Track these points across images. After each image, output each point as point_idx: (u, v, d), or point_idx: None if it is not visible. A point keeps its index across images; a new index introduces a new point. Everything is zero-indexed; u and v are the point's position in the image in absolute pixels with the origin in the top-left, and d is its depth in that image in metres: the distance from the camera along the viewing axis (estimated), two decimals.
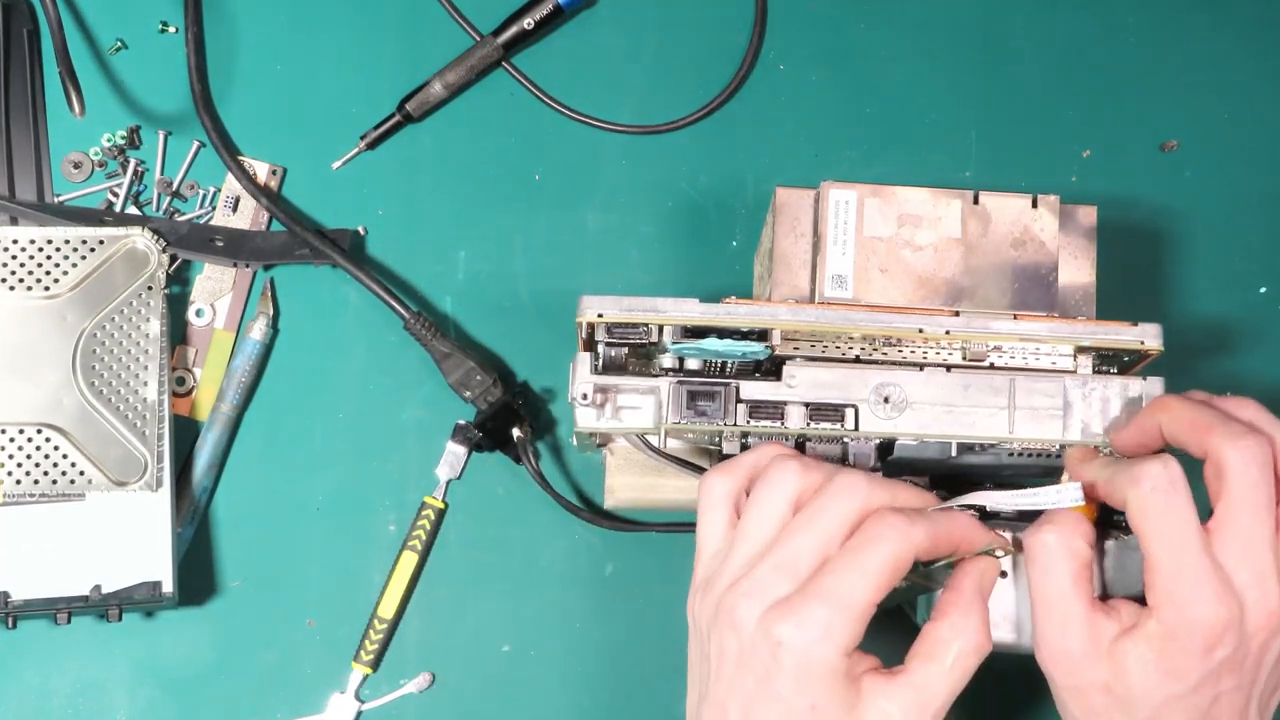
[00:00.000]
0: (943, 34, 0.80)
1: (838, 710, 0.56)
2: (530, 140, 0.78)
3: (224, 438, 0.74)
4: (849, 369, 0.63)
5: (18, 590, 0.70)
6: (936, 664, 0.57)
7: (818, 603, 0.56)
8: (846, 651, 0.56)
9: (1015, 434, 0.63)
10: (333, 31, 0.79)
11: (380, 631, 0.73)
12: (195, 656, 0.73)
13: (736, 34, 0.80)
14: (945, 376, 0.63)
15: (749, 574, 0.57)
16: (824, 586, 0.56)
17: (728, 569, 0.58)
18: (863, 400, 0.62)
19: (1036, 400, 0.63)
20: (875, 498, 0.57)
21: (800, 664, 0.55)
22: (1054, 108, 0.80)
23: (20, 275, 0.72)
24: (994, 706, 0.75)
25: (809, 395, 0.62)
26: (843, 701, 0.56)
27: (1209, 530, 0.56)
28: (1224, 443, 0.56)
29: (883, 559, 0.56)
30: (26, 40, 0.76)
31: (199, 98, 0.76)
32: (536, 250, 0.77)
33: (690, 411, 0.62)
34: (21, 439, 0.70)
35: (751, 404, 0.62)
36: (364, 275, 0.74)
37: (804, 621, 0.55)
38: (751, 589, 0.57)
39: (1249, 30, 0.81)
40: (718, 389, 0.62)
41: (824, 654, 0.55)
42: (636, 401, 0.63)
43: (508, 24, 0.78)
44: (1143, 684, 0.57)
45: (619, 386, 0.63)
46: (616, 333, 0.63)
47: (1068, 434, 0.63)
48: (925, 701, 0.57)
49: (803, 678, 0.56)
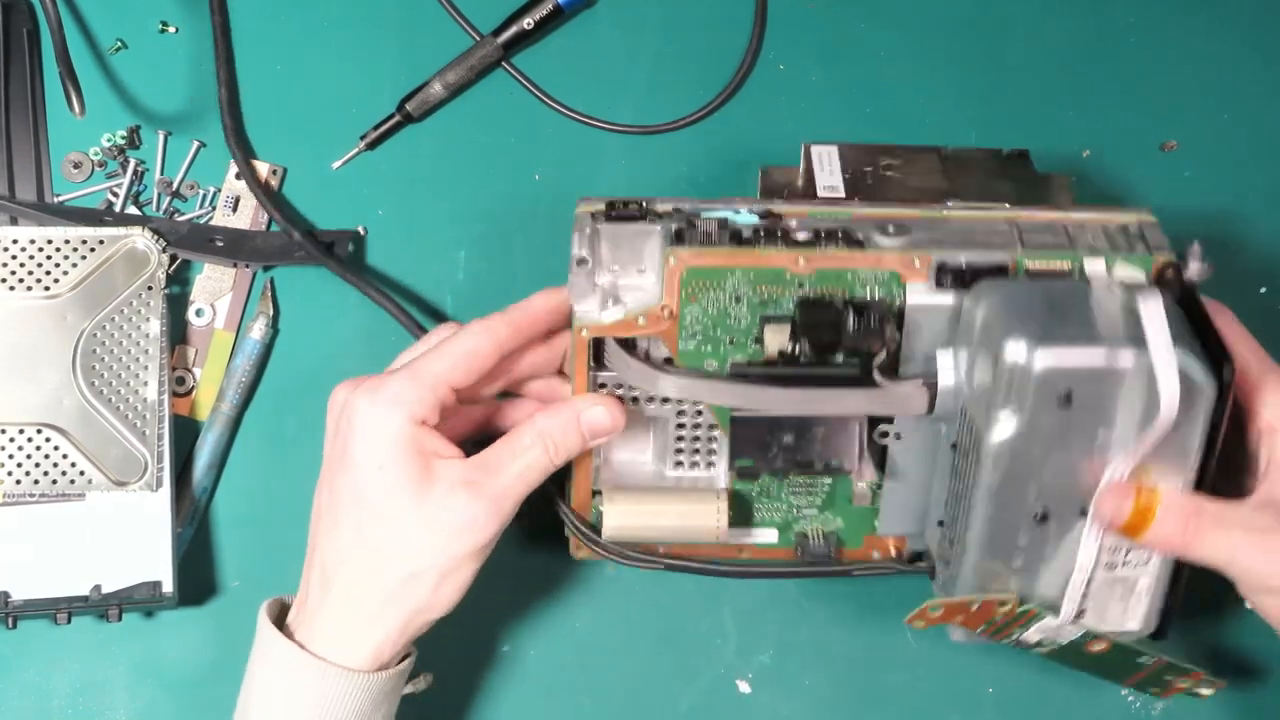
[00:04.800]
0: (943, 34, 0.80)
1: (405, 474, 0.62)
2: (530, 140, 0.78)
3: (224, 438, 0.74)
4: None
5: (18, 590, 0.70)
6: (510, 452, 0.63)
7: (390, 377, 0.63)
8: (414, 419, 0.62)
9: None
10: (333, 31, 0.79)
11: None
12: (195, 656, 0.73)
13: (736, 34, 0.80)
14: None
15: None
16: (400, 367, 0.64)
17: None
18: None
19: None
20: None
21: (368, 425, 0.62)
22: (1054, 108, 0.80)
23: (20, 275, 0.72)
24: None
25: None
26: (410, 465, 0.62)
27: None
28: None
29: (457, 344, 0.64)
30: (26, 40, 0.76)
31: (230, 132, 0.76)
32: (536, 250, 0.77)
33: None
34: (21, 439, 0.70)
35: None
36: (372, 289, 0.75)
37: (376, 388, 0.62)
38: (350, 381, 0.64)
39: (1249, 30, 0.81)
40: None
41: (390, 416, 0.62)
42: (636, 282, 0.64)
43: (508, 24, 0.78)
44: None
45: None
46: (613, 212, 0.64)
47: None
48: (492, 477, 0.63)
49: (371, 438, 0.62)
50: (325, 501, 0.64)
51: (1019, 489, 0.60)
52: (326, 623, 0.64)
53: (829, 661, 0.75)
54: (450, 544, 0.62)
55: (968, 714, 0.75)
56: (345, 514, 0.63)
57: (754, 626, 0.75)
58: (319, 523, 0.65)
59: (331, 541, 0.64)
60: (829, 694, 0.75)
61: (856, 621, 0.75)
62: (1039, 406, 0.58)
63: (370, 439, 0.62)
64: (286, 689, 0.63)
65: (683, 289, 0.63)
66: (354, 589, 0.63)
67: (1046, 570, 0.62)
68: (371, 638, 0.63)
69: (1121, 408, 0.58)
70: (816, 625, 0.75)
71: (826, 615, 0.75)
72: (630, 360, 0.64)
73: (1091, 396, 0.57)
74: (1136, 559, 0.62)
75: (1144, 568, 0.62)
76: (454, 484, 0.62)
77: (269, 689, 0.64)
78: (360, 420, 0.62)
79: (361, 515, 0.63)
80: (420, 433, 0.62)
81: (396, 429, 0.62)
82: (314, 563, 0.65)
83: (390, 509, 0.62)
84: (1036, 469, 0.59)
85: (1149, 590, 0.63)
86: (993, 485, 0.60)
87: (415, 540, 0.62)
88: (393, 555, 0.62)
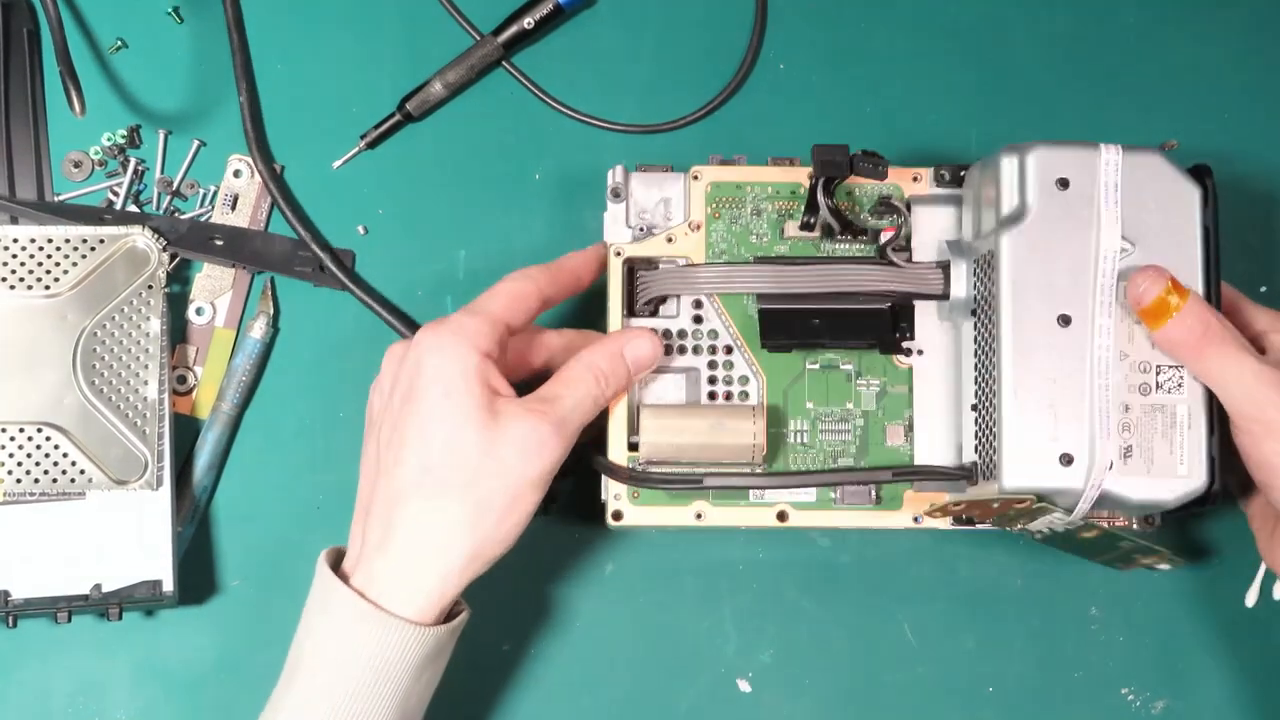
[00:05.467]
0: (943, 34, 0.80)
1: (473, 401, 0.63)
2: (530, 140, 0.78)
3: (224, 437, 0.74)
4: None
5: (18, 589, 0.70)
6: (563, 385, 0.66)
7: (452, 315, 0.65)
8: (479, 349, 0.64)
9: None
10: (333, 31, 0.79)
11: None
12: (195, 656, 0.73)
13: (736, 34, 0.80)
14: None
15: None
16: (462, 307, 0.66)
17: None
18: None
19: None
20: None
21: (436, 356, 0.64)
22: (1054, 108, 0.80)
23: (21, 274, 0.72)
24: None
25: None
26: (478, 393, 0.63)
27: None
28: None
29: (506, 286, 0.67)
30: (26, 40, 0.76)
31: (253, 142, 0.76)
32: (536, 250, 0.77)
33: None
34: (22, 438, 0.70)
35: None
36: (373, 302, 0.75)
37: (440, 324, 0.65)
38: (403, 340, 0.67)
39: (1249, 30, 0.81)
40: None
41: (457, 347, 0.64)
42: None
43: (508, 24, 0.78)
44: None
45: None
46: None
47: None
48: (552, 406, 0.65)
49: (439, 369, 0.64)
50: (384, 441, 0.65)
51: (1037, 296, 0.64)
52: (387, 565, 0.63)
53: (829, 661, 0.75)
54: (519, 466, 0.63)
55: (968, 714, 0.75)
56: (410, 449, 0.63)
57: (754, 626, 0.75)
58: (378, 465, 0.65)
59: (392, 481, 0.64)
60: (829, 694, 0.75)
61: (856, 621, 0.75)
62: (1040, 191, 0.65)
63: (438, 369, 0.64)
64: (344, 640, 0.63)
65: (708, 204, 0.71)
66: (419, 527, 0.63)
67: (1081, 416, 0.64)
68: (435, 576, 0.63)
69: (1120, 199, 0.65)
70: (816, 625, 0.75)
71: (826, 615, 0.75)
72: (664, 266, 0.70)
73: (1086, 183, 0.65)
74: (1169, 381, 0.65)
75: (1179, 393, 0.65)
76: (519, 411, 0.64)
77: (324, 640, 0.64)
78: (428, 354, 0.64)
79: (428, 448, 0.63)
80: (485, 364, 0.64)
81: (464, 359, 0.64)
82: (371, 509, 0.65)
83: (458, 437, 0.63)
84: (1049, 265, 0.64)
85: (1190, 422, 0.64)
86: (1012, 295, 0.64)
87: (484, 466, 0.63)
88: (461, 484, 0.63)
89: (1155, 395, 0.64)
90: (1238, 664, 0.76)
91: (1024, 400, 0.64)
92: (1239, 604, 0.73)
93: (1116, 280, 0.65)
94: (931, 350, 0.71)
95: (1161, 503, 0.64)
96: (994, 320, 0.65)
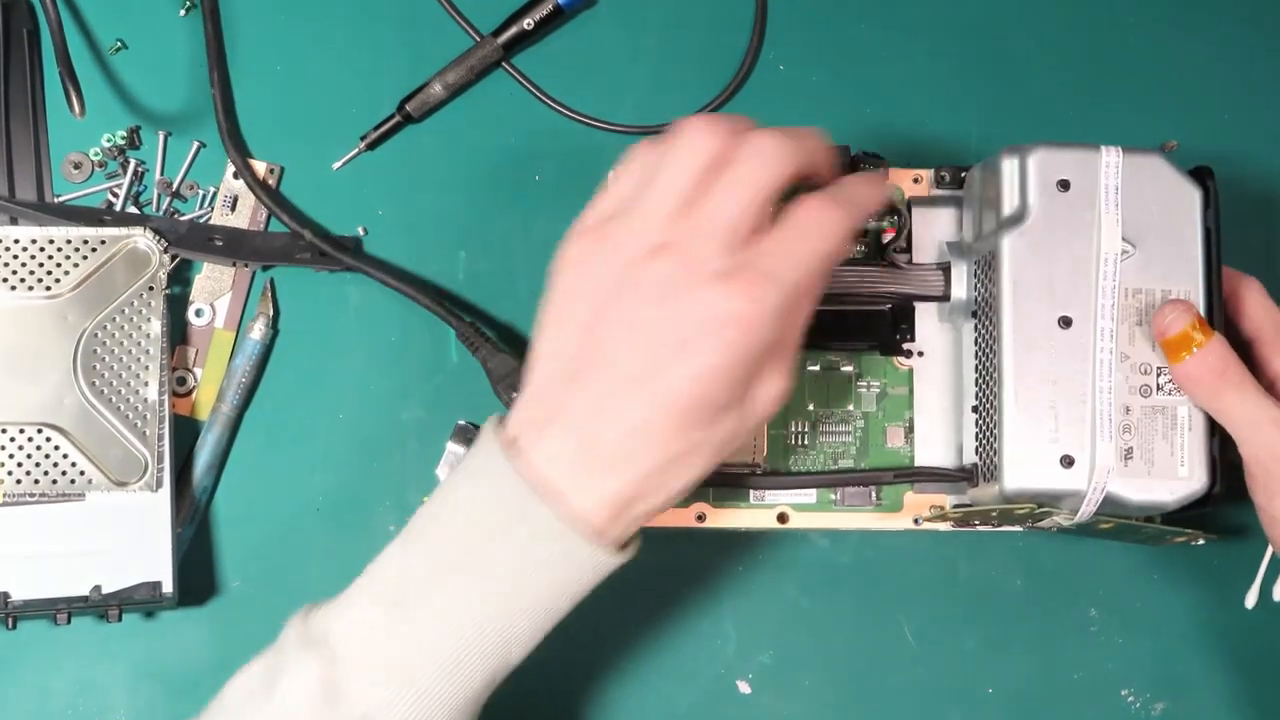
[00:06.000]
0: (943, 35, 0.80)
1: (744, 379, 0.56)
2: (530, 140, 0.78)
3: (224, 438, 0.74)
4: None
5: (18, 590, 0.70)
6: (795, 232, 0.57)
7: (773, 288, 0.55)
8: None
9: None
10: (333, 31, 0.79)
11: None
12: (195, 656, 0.73)
13: (736, 34, 0.80)
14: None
15: (686, 242, 0.55)
16: (778, 273, 0.55)
17: (643, 224, 0.57)
18: None
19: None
20: (795, 162, 0.57)
21: (736, 339, 0.54)
22: (1054, 108, 0.80)
23: (21, 275, 0.72)
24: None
25: None
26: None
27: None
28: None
29: (826, 255, 0.57)
30: (26, 40, 0.76)
31: (226, 133, 0.76)
32: (536, 250, 0.77)
33: None
34: (22, 439, 0.70)
35: None
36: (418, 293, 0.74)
37: (756, 299, 0.55)
38: (691, 260, 0.55)
39: (1249, 30, 0.81)
40: None
41: (760, 333, 0.55)
42: None
43: (508, 24, 0.78)
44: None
45: None
46: None
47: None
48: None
49: (733, 352, 0.55)
50: (596, 274, 0.57)
51: (1038, 297, 0.64)
52: (576, 424, 0.56)
53: (829, 661, 0.75)
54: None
55: (968, 714, 0.75)
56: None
57: (754, 626, 0.75)
58: (579, 299, 0.58)
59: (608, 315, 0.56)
60: (829, 694, 0.75)
61: (856, 621, 0.76)
62: (1041, 193, 0.65)
63: (731, 353, 0.56)
64: (506, 544, 0.56)
65: None
66: (625, 380, 0.56)
67: (1082, 418, 0.64)
68: (636, 453, 0.56)
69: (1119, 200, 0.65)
70: (816, 625, 0.75)
71: (826, 615, 0.76)
72: None
73: (1086, 185, 0.65)
74: (1170, 383, 0.65)
75: (1180, 394, 0.65)
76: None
77: (476, 535, 0.56)
78: (727, 332, 0.56)
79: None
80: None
81: (760, 344, 0.57)
82: (564, 351, 0.57)
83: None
84: (1050, 267, 0.65)
85: (1190, 423, 0.64)
86: (1013, 296, 0.64)
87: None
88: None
89: (1156, 397, 0.64)
90: (1238, 665, 0.76)
91: (1025, 402, 0.64)
92: (1239, 604, 0.73)
93: (1118, 281, 0.65)
94: (932, 352, 0.71)
95: (1162, 504, 0.64)
96: (995, 322, 0.65)
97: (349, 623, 0.58)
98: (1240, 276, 0.68)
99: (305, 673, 0.57)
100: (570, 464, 0.56)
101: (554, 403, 0.57)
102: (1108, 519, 0.66)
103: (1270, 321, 0.67)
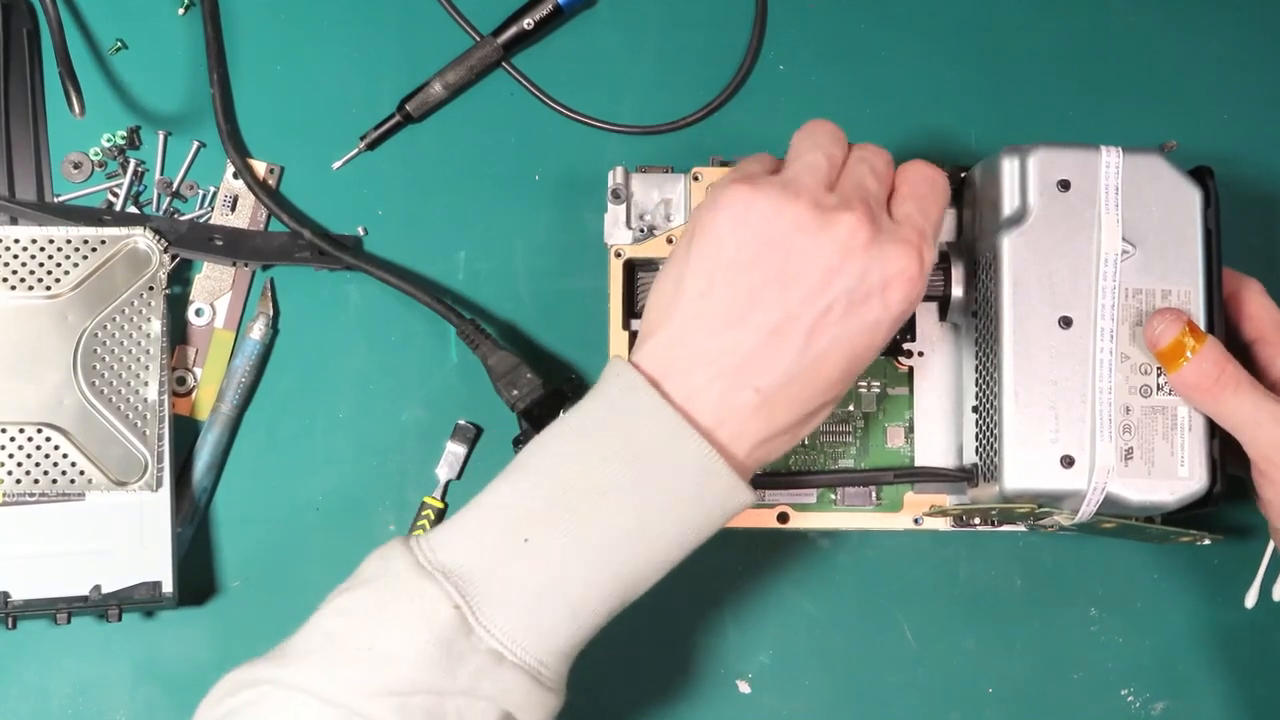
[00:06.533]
0: (943, 34, 0.80)
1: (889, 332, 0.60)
2: (530, 140, 0.78)
3: (224, 438, 0.74)
4: None
5: (18, 590, 0.70)
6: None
7: (928, 247, 0.60)
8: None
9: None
10: (333, 31, 0.79)
11: None
12: (195, 656, 0.73)
13: (736, 34, 0.80)
14: None
15: (856, 204, 0.59)
16: (929, 234, 0.60)
17: (813, 180, 0.60)
18: None
19: None
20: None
21: (911, 295, 0.59)
22: (1054, 108, 0.80)
23: (21, 275, 0.72)
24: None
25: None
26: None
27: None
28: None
29: (944, 205, 0.63)
30: (26, 40, 0.76)
31: (225, 134, 0.76)
32: (536, 250, 0.77)
33: None
34: (22, 439, 0.70)
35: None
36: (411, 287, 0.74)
37: (925, 259, 0.59)
38: (868, 219, 0.58)
39: (1249, 30, 0.81)
40: None
41: (922, 288, 0.59)
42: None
43: (508, 24, 0.78)
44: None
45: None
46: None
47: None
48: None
49: (905, 307, 0.59)
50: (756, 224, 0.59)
51: (1038, 297, 0.64)
52: (734, 367, 0.57)
53: (829, 661, 0.75)
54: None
55: (968, 714, 0.75)
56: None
57: (754, 626, 0.75)
58: (739, 246, 0.59)
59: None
60: (829, 694, 0.75)
61: (856, 621, 0.75)
62: (1041, 193, 0.65)
63: (900, 306, 0.59)
64: (652, 475, 0.57)
65: None
66: (797, 329, 0.58)
67: (1082, 418, 0.64)
68: (773, 368, 0.58)
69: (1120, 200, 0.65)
70: (816, 625, 0.75)
71: (826, 615, 0.76)
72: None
73: (1086, 185, 0.65)
74: (1170, 384, 0.64)
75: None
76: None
77: (616, 466, 0.57)
78: (896, 291, 0.59)
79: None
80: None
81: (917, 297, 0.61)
82: (719, 294, 0.58)
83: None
84: (1050, 267, 0.64)
85: (1190, 423, 0.64)
86: (1013, 297, 0.64)
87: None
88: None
89: (1156, 397, 0.64)
90: (1238, 664, 0.76)
91: (1025, 402, 0.64)
92: (1239, 604, 0.73)
93: (1118, 281, 0.65)
94: (932, 352, 0.71)
95: (1162, 504, 0.64)
96: (995, 322, 0.65)
97: (476, 553, 0.57)
98: (1241, 278, 0.68)
99: (427, 603, 0.56)
100: (719, 404, 0.57)
101: (707, 345, 0.58)
102: (1109, 519, 0.66)
103: (1272, 322, 0.67)
